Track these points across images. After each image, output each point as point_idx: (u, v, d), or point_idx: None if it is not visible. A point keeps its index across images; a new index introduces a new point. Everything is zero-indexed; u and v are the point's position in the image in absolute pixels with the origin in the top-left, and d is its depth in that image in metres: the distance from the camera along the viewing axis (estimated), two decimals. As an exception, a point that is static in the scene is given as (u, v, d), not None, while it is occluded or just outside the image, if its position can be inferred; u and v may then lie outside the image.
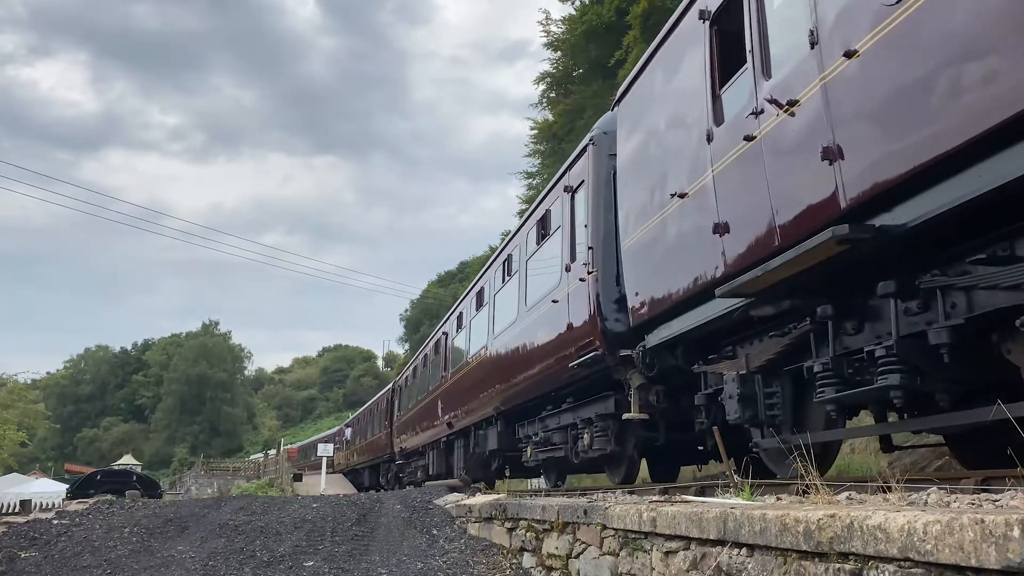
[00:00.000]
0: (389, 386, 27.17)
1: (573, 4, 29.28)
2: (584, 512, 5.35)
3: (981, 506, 2.76)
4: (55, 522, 8.86)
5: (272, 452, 52.00)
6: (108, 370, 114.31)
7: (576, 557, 5.50)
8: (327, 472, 31.49)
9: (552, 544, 5.98)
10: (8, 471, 41.71)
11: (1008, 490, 3.07)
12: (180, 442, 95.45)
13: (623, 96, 7.60)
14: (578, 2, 28.89)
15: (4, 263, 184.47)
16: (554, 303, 9.08)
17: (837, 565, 2.74)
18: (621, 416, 7.78)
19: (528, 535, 6.57)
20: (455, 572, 6.66)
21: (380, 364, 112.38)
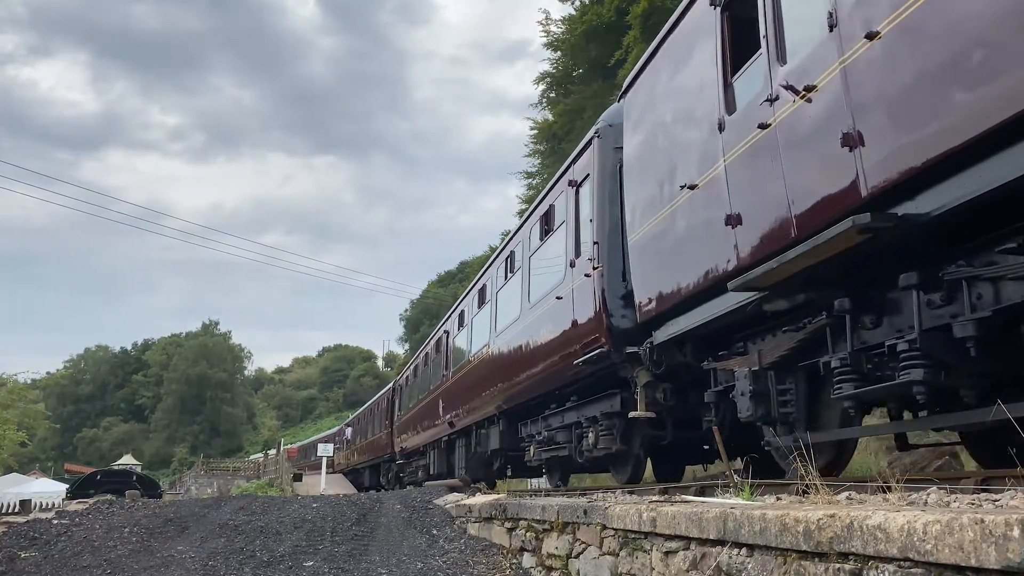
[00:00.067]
0: (389, 385, 27.09)
1: (573, 4, 29.25)
2: (584, 512, 5.35)
3: (981, 506, 2.77)
4: (55, 522, 8.88)
5: (272, 452, 52.00)
6: (108, 370, 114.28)
7: (576, 557, 5.49)
8: (327, 472, 31.44)
9: (552, 544, 5.97)
10: (8, 471, 41.69)
11: (1008, 490, 3.08)
12: (180, 442, 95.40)
13: (630, 87, 7.43)
14: (578, 2, 28.85)
15: (4, 263, 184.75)
16: (558, 300, 8.93)
17: (837, 565, 2.74)
18: (627, 414, 7.65)
19: (528, 535, 6.55)
20: (455, 572, 6.65)
21: (380, 364, 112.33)
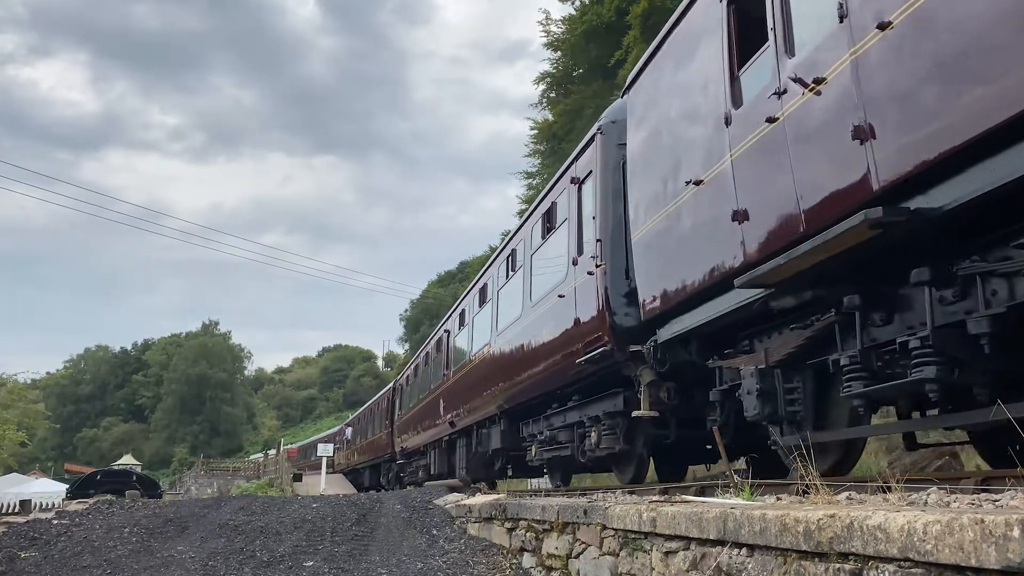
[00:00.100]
0: (390, 385, 27.04)
1: (573, 4, 29.27)
2: (584, 512, 5.34)
3: (981, 506, 2.77)
4: (55, 522, 8.90)
5: (272, 452, 52.00)
6: (108, 370, 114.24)
7: (576, 557, 5.48)
8: (327, 472, 31.40)
9: (552, 544, 5.97)
10: (8, 471, 41.67)
11: (1008, 490, 3.07)
12: (180, 442, 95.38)
13: (633, 82, 7.35)
14: (578, 2, 28.85)
15: (4, 263, 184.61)
16: (560, 298, 8.85)
17: (837, 565, 2.74)
18: (630, 414, 7.56)
19: (528, 535, 6.55)
20: (455, 572, 6.64)
21: (380, 364, 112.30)
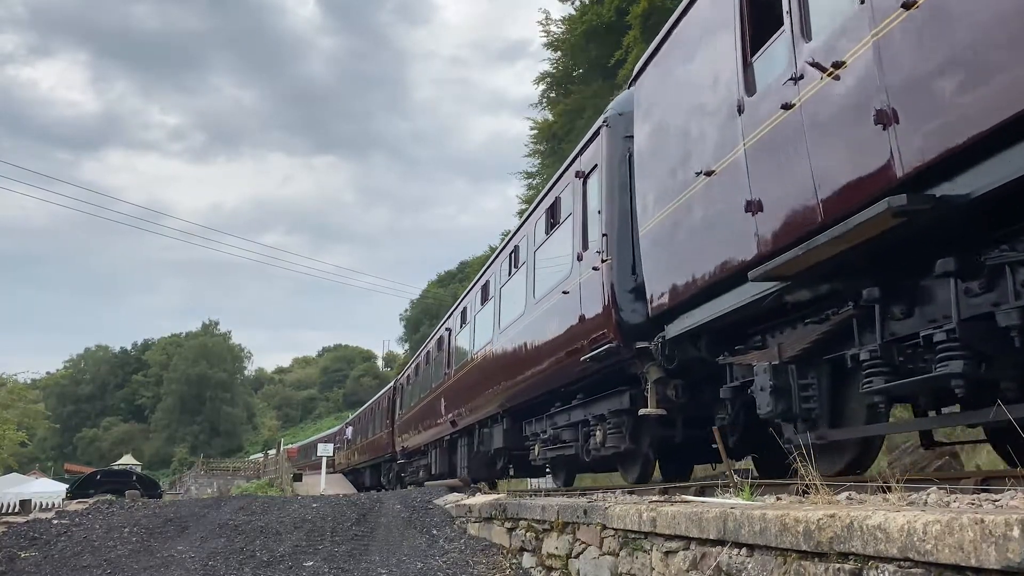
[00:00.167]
0: (390, 384, 26.95)
1: (573, 4, 29.28)
2: (584, 512, 5.32)
3: (981, 506, 2.77)
4: (55, 522, 8.91)
5: (272, 452, 51.99)
6: (108, 370, 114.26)
7: (576, 557, 5.47)
8: (327, 472, 31.35)
9: (552, 544, 5.95)
10: (8, 471, 41.67)
11: (1008, 490, 3.06)
12: (180, 442, 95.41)
13: (641, 72, 7.16)
14: (578, 2, 28.85)
15: (4, 263, 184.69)
16: (564, 294, 8.68)
17: (837, 565, 2.74)
18: (636, 412, 7.41)
19: (528, 535, 6.53)
20: (455, 572, 6.62)
21: (380, 364, 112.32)
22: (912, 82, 3.61)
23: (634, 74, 7.38)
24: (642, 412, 7.16)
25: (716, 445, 7.92)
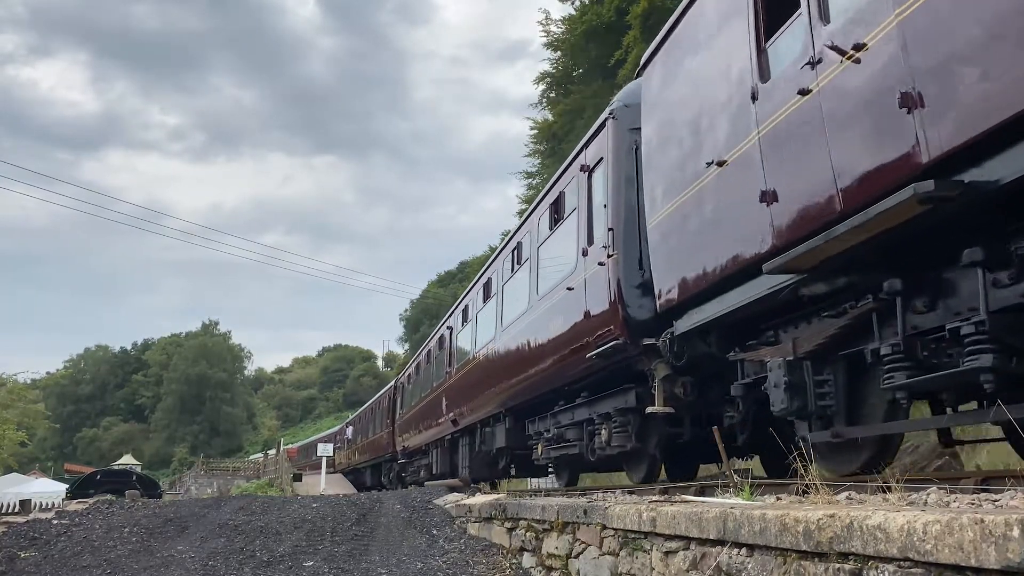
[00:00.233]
0: (391, 384, 26.92)
1: (573, 4, 29.27)
2: (584, 512, 5.31)
3: (981, 506, 2.77)
4: (55, 522, 8.90)
5: (272, 452, 52.00)
6: (108, 370, 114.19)
7: (576, 557, 5.46)
8: (327, 472, 31.35)
9: (552, 544, 5.94)
10: (8, 471, 41.64)
11: (1008, 490, 3.05)
12: (180, 442, 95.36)
13: (649, 62, 6.97)
14: (578, 2, 28.83)
15: (4, 263, 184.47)
16: (569, 290, 8.52)
17: (837, 565, 2.75)
18: (643, 410, 7.24)
19: (528, 535, 6.52)
20: (455, 572, 6.62)
21: (380, 364, 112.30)
22: (940, 62, 3.46)
23: (641, 64, 7.21)
24: (649, 410, 7.01)
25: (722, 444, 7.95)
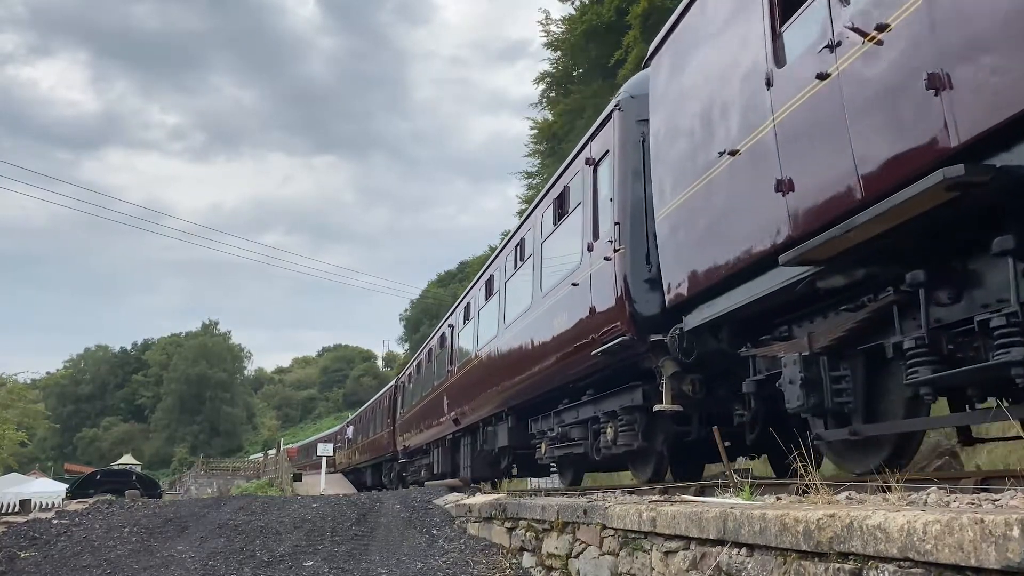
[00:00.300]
0: (391, 383, 26.88)
1: (573, 4, 29.29)
2: (584, 512, 5.30)
3: (981, 506, 2.76)
4: (55, 522, 8.89)
5: (272, 452, 52.00)
6: (108, 370, 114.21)
7: (576, 557, 5.45)
8: (327, 472, 31.35)
9: (552, 544, 5.94)
10: (8, 471, 41.62)
11: (1008, 490, 3.04)
12: (180, 442, 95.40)
13: (657, 50, 6.80)
14: (578, 2, 28.84)
15: (4, 263, 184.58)
16: (574, 286, 8.37)
17: (837, 565, 2.74)
18: (650, 408, 7.11)
19: (528, 535, 6.52)
20: (455, 572, 6.61)
21: (380, 364, 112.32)
22: (972, 40, 3.30)
23: (649, 53, 7.04)
24: (657, 408, 6.86)
25: (728, 443, 7.76)
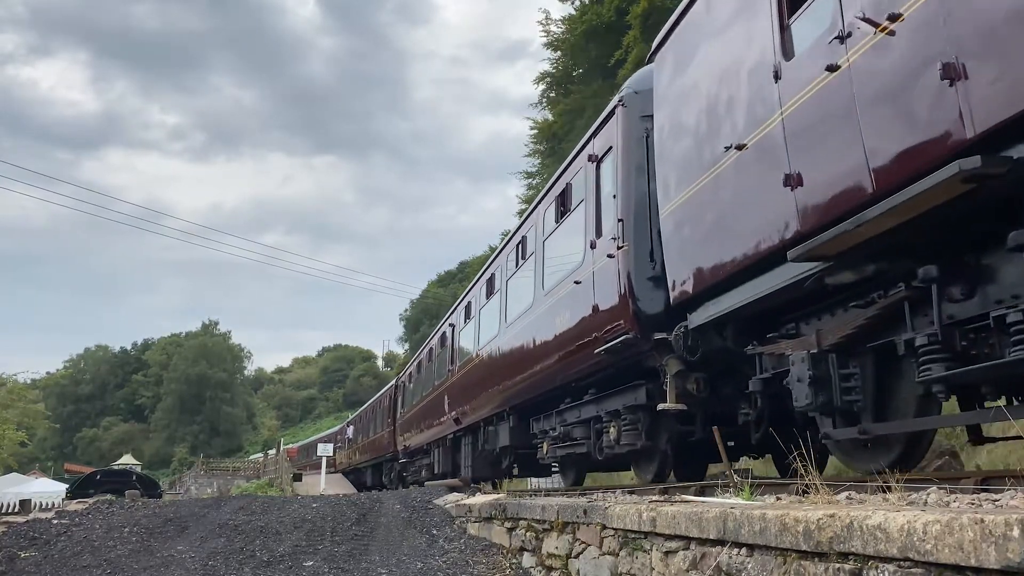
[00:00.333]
0: (392, 383, 26.85)
1: (573, 4, 29.24)
2: (584, 512, 5.30)
3: (981, 506, 2.76)
4: (55, 522, 8.88)
5: (272, 452, 52.00)
6: (108, 370, 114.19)
7: (576, 557, 5.45)
8: (327, 472, 31.35)
9: (552, 544, 5.94)
10: (8, 471, 41.60)
11: (1008, 490, 3.04)
12: (180, 442, 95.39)
13: (661, 45, 6.73)
14: (578, 2, 28.81)
15: (4, 263, 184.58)
16: (577, 284, 8.29)
17: (837, 565, 2.75)
18: (653, 407, 7.03)
19: (528, 535, 6.51)
20: (455, 572, 6.61)
21: (380, 364, 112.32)
22: (987, 29, 3.23)
23: (653, 47, 6.96)
24: (661, 407, 6.79)
25: (732, 442, 7.64)
